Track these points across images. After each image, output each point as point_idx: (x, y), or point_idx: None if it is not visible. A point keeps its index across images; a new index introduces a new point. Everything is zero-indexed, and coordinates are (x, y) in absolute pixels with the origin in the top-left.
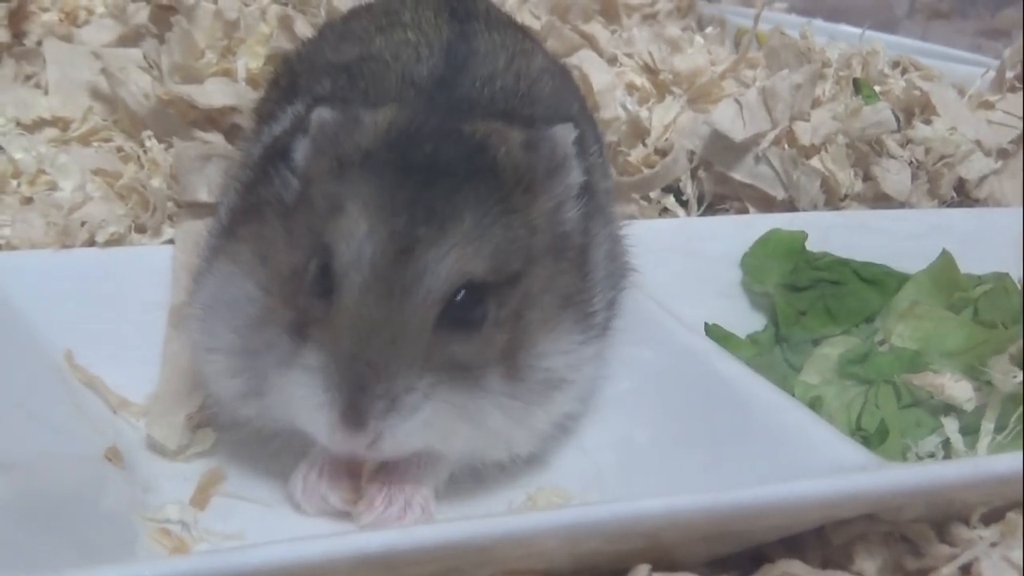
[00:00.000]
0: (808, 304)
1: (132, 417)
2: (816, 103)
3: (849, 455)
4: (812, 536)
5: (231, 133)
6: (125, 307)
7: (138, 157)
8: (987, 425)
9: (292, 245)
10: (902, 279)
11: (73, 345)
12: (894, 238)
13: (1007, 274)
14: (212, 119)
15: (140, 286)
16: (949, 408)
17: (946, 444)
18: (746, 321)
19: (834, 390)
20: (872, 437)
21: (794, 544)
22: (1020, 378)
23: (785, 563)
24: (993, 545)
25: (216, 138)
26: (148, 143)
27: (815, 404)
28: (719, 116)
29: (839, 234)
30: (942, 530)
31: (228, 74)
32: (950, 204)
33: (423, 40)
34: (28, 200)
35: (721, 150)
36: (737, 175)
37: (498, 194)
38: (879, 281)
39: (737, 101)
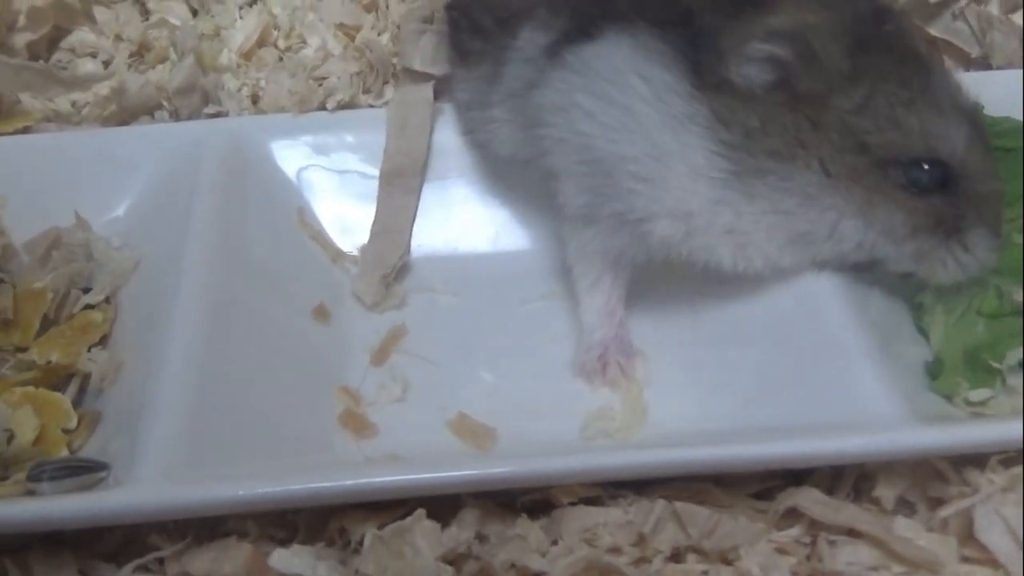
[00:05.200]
0: None
1: (346, 266)
2: None
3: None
4: None
5: None
6: (350, 168)
7: (376, 7)
8: None
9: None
10: None
11: (303, 204)
12: None
13: None
14: None
15: (364, 148)
16: None
17: None
18: None
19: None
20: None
21: None
22: None
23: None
24: (989, 496)
25: None
26: None
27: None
28: None
29: None
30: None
31: None
32: None
33: None
34: (280, 58)
35: (921, 5)
36: (934, 31)
37: None
38: None
39: None
